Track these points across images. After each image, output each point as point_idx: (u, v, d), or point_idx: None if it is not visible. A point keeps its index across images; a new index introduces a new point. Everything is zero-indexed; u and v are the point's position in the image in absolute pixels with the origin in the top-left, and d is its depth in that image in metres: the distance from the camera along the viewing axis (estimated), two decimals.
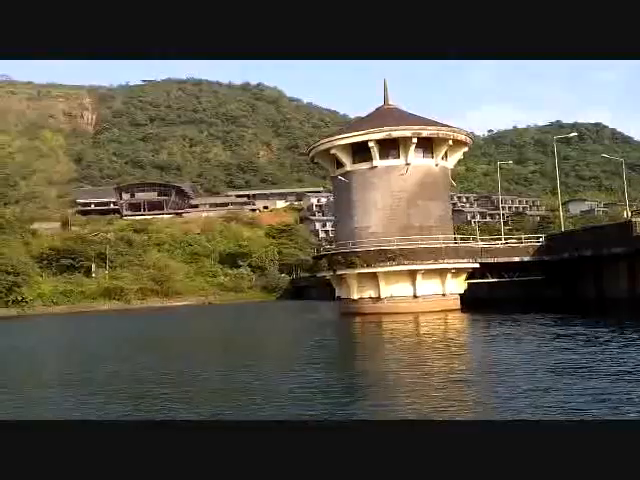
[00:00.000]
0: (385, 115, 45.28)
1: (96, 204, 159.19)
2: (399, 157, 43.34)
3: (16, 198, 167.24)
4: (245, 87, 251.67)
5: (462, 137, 44.45)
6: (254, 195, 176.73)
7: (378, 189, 43.56)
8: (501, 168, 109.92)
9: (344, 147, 44.09)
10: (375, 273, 42.18)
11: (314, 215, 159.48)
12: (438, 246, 41.94)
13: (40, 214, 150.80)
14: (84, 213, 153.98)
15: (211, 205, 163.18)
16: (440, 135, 43.07)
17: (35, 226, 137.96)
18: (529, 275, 46.47)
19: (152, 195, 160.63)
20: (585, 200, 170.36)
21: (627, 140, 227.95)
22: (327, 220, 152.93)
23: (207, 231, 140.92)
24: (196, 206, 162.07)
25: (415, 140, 42.16)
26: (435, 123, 44.14)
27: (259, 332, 39.63)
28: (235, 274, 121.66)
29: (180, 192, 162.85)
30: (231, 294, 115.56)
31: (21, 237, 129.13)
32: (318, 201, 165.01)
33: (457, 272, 43.55)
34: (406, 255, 41.21)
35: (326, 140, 44.83)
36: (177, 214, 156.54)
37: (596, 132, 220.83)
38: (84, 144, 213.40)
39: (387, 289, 42.67)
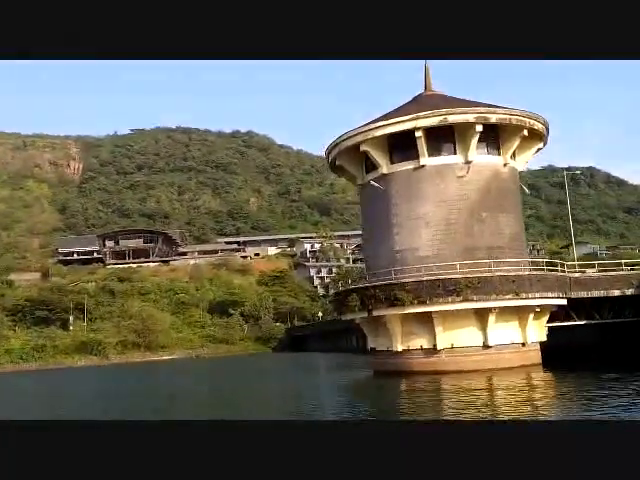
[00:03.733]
0: (429, 100, 32.21)
1: (79, 253, 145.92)
2: (456, 153, 30.27)
3: None
4: (235, 135, 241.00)
5: (539, 126, 31.25)
6: (244, 242, 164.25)
7: (427, 197, 30.29)
8: None
9: (379, 141, 30.90)
10: (430, 314, 28.47)
11: (308, 261, 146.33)
12: (520, 274, 28.39)
13: (18, 264, 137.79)
14: (66, 263, 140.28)
15: (200, 252, 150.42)
16: (513, 121, 29.96)
17: (13, 277, 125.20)
18: (622, 316, 32.96)
19: (137, 242, 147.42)
20: (587, 243, 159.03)
21: (621, 183, 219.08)
22: (322, 266, 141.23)
23: (195, 279, 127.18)
24: (184, 254, 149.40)
25: (479, 128, 29.15)
26: (502, 107, 31.17)
27: (264, 400, 25.54)
28: (226, 324, 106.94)
29: (167, 239, 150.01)
30: (222, 346, 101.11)
31: None
32: (312, 247, 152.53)
33: (541, 311, 29.97)
34: (475, 287, 27.54)
35: (354, 131, 31.32)
36: (164, 262, 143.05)
37: (590, 176, 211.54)
38: (69, 193, 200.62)
39: (446, 336, 28.85)
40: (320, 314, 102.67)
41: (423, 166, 30.31)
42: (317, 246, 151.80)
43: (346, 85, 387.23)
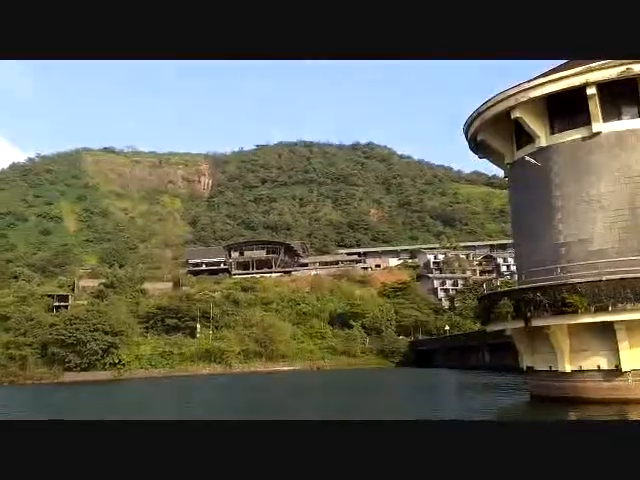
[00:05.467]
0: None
1: (207, 264, 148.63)
2: None
3: (133, 260, 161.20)
4: (355, 146, 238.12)
5: None
6: (365, 253, 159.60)
7: (603, 174, 22.98)
8: None
9: (535, 105, 24.09)
10: (611, 324, 21.18)
11: (431, 273, 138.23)
12: None
13: (153, 274, 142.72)
14: (195, 273, 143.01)
15: (321, 263, 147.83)
16: None
17: (147, 286, 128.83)
18: None
19: (261, 253, 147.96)
20: None
21: None
22: (447, 277, 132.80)
23: (316, 289, 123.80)
24: (305, 265, 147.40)
25: None
26: None
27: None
28: (347, 336, 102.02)
29: (289, 250, 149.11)
30: (342, 358, 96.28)
31: (132, 297, 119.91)
32: (435, 258, 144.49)
33: None
34: None
35: (502, 95, 24.61)
36: (286, 273, 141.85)
37: None
38: (199, 207, 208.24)
39: (634, 354, 21.39)
40: (447, 327, 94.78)
41: (597, 134, 23.07)
42: (441, 257, 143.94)
43: (466, 90, 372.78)
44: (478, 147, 27.98)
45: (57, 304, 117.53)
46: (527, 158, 24.62)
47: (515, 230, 27.43)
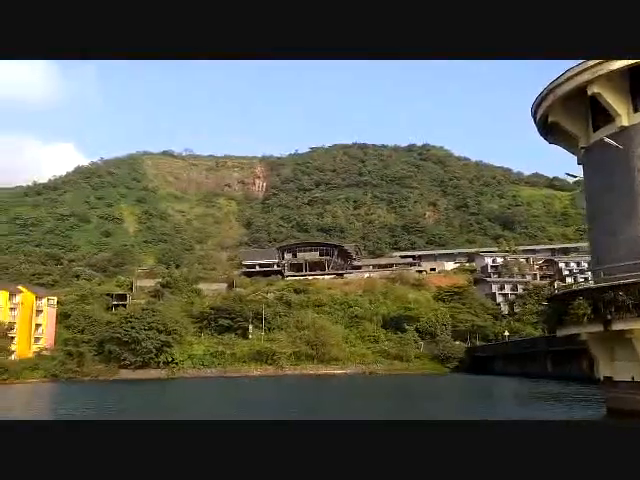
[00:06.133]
0: None
1: (260, 265, 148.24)
2: None
3: (189, 260, 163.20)
4: (411, 148, 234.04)
5: None
6: (420, 256, 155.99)
7: None
8: None
9: (615, 78, 21.05)
10: None
11: (489, 277, 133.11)
12: None
13: (207, 274, 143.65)
14: (249, 275, 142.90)
15: (374, 266, 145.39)
16: None
17: (202, 286, 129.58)
18: None
19: (314, 255, 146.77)
20: None
21: None
22: (505, 282, 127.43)
23: (369, 292, 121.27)
24: (358, 267, 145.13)
25: None
26: None
27: None
28: (400, 340, 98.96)
29: (342, 252, 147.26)
30: (396, 363, 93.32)
31: (186, 296, 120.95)
32: (493, 261, 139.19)
33: None
34: None
35: (577, 68, 21.61)
36: (338, 275, 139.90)
37: None
38: (254, 209, 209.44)
39: None
40: (506, 333, 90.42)
41: None
42: (499, 261, 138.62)
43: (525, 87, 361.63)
44: (548, 131, 25.02)
45: (116, 303, 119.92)
46: (606, 140, 21.58)
47: (591, 222, 24.32)
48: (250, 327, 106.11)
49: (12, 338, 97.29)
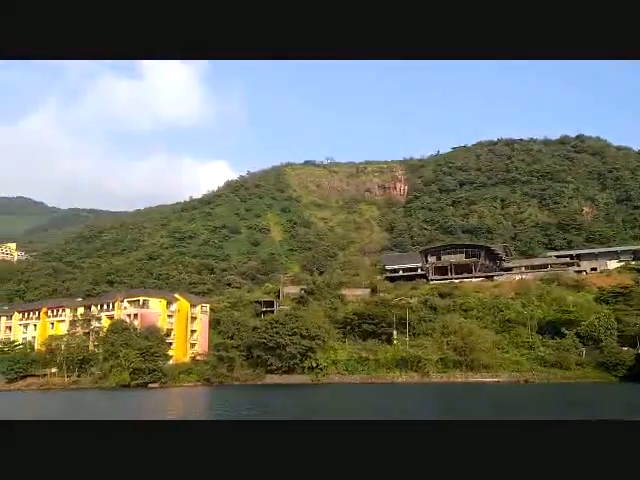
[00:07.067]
0: None
1: (403, 270, 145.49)
2: None
3: (332, 267, 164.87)
4: (563, 140, 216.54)
5: None
6: (578, 255, 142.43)
7: None
8: None
9: None
10: None
11: None
12: None
13: (350, 280, 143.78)
14: (392, 279, 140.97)
15: (526, 267, 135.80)
16: None
17: (344, 292, 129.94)
18: None
19: (459, 257, 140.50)
20: None
21: None
22: None
23: (522, 295, 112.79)
24: (509, 269, 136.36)
25: None
26: None
27: None
28: (558, 346, 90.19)
29: (490, 254, 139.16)
30: (554, 371, 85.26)
31: (330, 302, 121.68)
32: None
33: None
34: None
35: None
36: (487, 277, 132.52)
37: None
38: (396, 214, 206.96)
39: None
40: None
41: None
42: None
43: None
44: None
45: (264, 309, 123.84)
46: None
47: None
48: (394, 333, 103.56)
49: (170, 344, 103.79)
